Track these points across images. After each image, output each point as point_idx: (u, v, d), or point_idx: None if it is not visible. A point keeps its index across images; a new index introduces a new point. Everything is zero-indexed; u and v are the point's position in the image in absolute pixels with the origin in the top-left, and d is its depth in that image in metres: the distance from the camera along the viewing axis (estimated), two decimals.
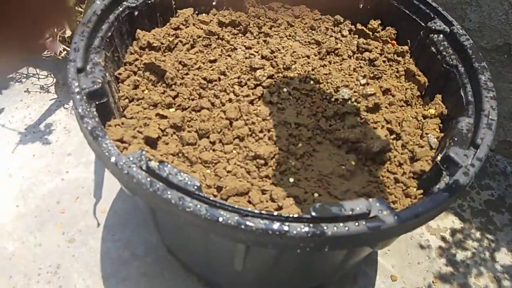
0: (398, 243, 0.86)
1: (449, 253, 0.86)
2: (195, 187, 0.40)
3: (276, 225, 0.38)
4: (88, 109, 0.46)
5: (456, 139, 0.51)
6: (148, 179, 0.41)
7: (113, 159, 0.42)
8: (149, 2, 0.66)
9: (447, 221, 0.92)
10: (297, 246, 0.39)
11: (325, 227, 0.39)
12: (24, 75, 1.10)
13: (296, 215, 0.39)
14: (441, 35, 0.65)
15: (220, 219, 0.38)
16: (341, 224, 0.39)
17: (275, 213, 0.39)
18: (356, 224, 0.39)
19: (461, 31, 0.63)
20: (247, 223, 0.38)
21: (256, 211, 0.39)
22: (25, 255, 0.78)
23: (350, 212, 0.40)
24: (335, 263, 0.56)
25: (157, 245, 0.81)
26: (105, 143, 0.43)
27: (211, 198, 0.40)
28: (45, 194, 0.86)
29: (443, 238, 0.89)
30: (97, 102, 0.50)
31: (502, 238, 0.90)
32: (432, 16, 0.67)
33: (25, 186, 0.88)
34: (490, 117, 0.51)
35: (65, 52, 0.95)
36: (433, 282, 0.81)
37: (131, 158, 0.42)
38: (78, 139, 0.96)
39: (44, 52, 1.12)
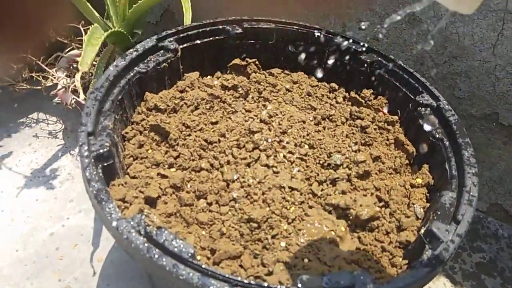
0: None
1: None
2: (189, 255, 0.43)
3: None
4: (95, 173, 0.50)
5: (439, 213, 0.54)
6: (146, 244, 0.43)
7: (114, 223, 0.45)
8: (159, 67, 0.71)
9: (438, 283, 0.92)
10: None
11: None
12: (34, 120, 1.15)
13: (284, 287, 0.42)
14: (428, 109, 0.69)
15: None
16: None
17: (265, 284, 0.42)
18: None
19: (446, 106, 0.68)
20: None
21: (245, 281, 0.42)
22: None
23: (335, 286, 0.42)
24: None
25: None
26: (108, 207, 0.47)
27: (203, 266, 0.42)
28: (45, 240, 0.88)
29: None
30: (103, 164, 0.53)
31: None
32: (421, 90, 0.72)
33: (26, 230, 0.90)
34: (471, 193, 0.54)
35: (75, 102, 1.00)
36: None
37: (132, 223, 0.45)
38: (81, 186, 1.00)
39: (55, 98, 1.18)
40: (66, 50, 1.08)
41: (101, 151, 0.53)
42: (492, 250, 1.01)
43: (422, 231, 0.53)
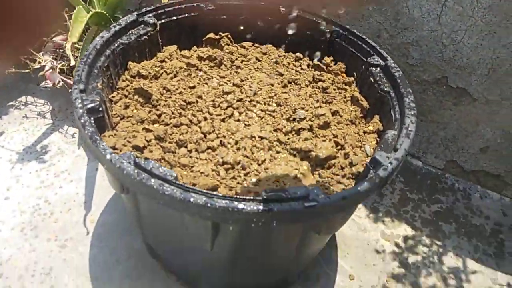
0: (356, 247, 0.98)
1: (401, 256, 0.98)
2: (172, 177, 0.52)
3: (235, 203, 0.50)
4: (88, 120, 0.58)
5: (382, 146, 0.64)
6: (136, 170, 0.52)
7: (108, 156, 0.54)
8: (140, 40, 0.80)
9: (400, 229, 1.04)
10: (251, 221, 0.51)
11: (272, 205, 0.51)
12: (23, 103, 1.21)
13: (251, 197, 0.51)
14: (378, 68, 0.80)
15: (192, 200, 0.50)
16: (285, 203, 0.51)
17: (236, 196, 0.51)
18: (296, 203, 0.51)
19: (393, 64, 0.78)
20: (213, 202, 0.50)
21: (220, 194, 0.51)
22: (20, 259, 0.86)
23: (293, 195, 0.52)
24: (292, 250, 0.67)
25: (140, 250, 0.90)
26: (102, 145, 0.55)
27: (185, 185, 0.51)
28: (40, 206, 0.96)
29: (397, 244, 1.00)
30: (95, 117, 0.62)
31: (449, 244, 1.02)
32: (372, 53, 0.82)
33: (22, 199, 0.97)
34: (409, 128, 0.65)
35: (62, 82, 1.07)
36: (386, 281, 0.92)
37: (123, 156, 0.54)
38: (71, 159, 1.07)
39: (42, 82, 1.25)
40: (52, 35, 1.15)
41: (92, 104, 0.62)
42: (449, 201, 1.13)
43: (368, 160, 0.63)
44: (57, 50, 1.12)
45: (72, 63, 0.86)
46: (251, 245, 0.61)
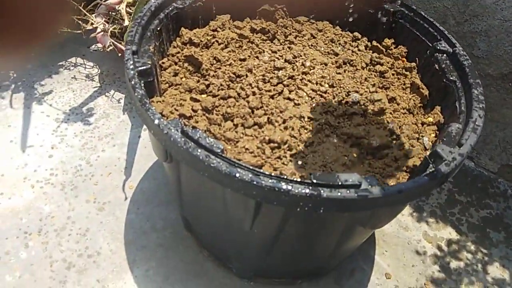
0: (395, 246, 0.93)
1: (443, 260, 0.92)
2: (220, 149, 0.50)
3: (282, 184, 0.47)
4: (139, 82, 0.57)
5: (445, 139, 0.59)
6: (183, 139, 0.50)
7: (156, 121, 0.52)
8: (194, 5, 0.77)
9: (444, 232, 0.98)
10: (297, 204, 0.48)
11: (321, 191, 0.47)
12: (73, 64, 1.23)
13: (299, 179, 0.48)
14: (445, 55, 0.73)
15: (237, 175, 0.48)
16: (335, 190, 0.47)
17: (283, 176, 0.48)
18: (348, 191, 0.48)
19: (462, 52, 0.72)
20: (259, 180, 0.47)
21: (267, 172, 0.48)
22: (59, 216, 0.88)
23: (344, 182, 0.48)
24: (332, 240, 0.64)
25: (176, 221, 0.90)
26: (151, 109, 0.53)
27: (231, 159, 0.49)
28: (82, 167, 0.97)
29: (439, 247, 0.95)
30: (145, 80, 0.60)
31: (496, 253, 0.96)
32: (439, 38, 0.76)
33: (65, 158, 0.99)
34: (476, 123, 0.59)
35: (113, 46, 1.07)
36: (425, 284, 0.87)
37: (171, 123, 0.52)
38: (115, 124, 1.08)
39: (93, 45, 1.26)
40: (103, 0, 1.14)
41: (144, 67, 0.60)
42: (500, 207, 1.05)
43: (427, 153, 0.58)
44: (110, 13, 1.12)
45: (126, 23, 0.85)
46: (291, 230, 0.58)
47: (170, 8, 0.74)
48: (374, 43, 0.85)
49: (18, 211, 0.87)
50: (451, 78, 0.70)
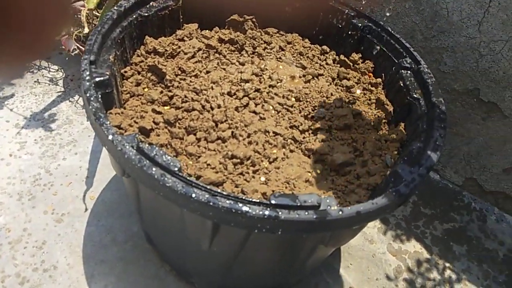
0: (360, 259, 0.93)
1: (407, 275, 0.93)
2: (177, 168, 0.48)
3: (240, 205, 0.46)
4: (95, 95, 0.54)
5: (406, 158, 0.59)
6: (137, 156, 0.48)
7: (110, 137, 0.50)
8: (160, 14, 0.75)
9: (409, 245, 0.99)
10: (255, 226, 0.47)
11: (279, 212, 0.46)
12: (36, 67, 1.18)
13: (257, 200, 0.47)
14: (409, 72, 0.74)
15: (193, 195, 0.46)
16: (294, 211, 0.46)
17: (240, 196, 0.47)
18: (306, 213, 0.47)
19: (426, 69, 0.72)
20: (215, 201, 0.46)
21: (224, 192, 0.47)
22: (15, 228, 0.84)
23: (303, 203, 0.47)
24: (293, 258, 0.63)
25: (137, 234, 0.87)
26: (105, 123, 0.51)
27: (188, 178, 0.47)
28: (41, 176, 0.93)
29: (403, 260, 0.95)
30: (102, 91, 0.58)
31: (458, 266, 0.97)
32: (404, 54, 0.77)
33: (23, 167, 0.94)
34: (437, 142, 0.59)
35: (78, 50, 1.04)
36: None
37: (126, 138, 0.50)
38: (78, 130, 1.04)
39: (58, 48, 1.21)
40: (72, 1, 1.10)
41: (101, 78, 0.58)
42: (463, 220, 1.07)
43: (388, 172, 0.58)
44: (76, 16, 1.08)
45: (86, 30, 0.82)
46: (251, 249, 0.57)
47: (134, 16, 0.72)
48: (342, 57, 0.85)
49: None
50: (414, 95, 0.70)
